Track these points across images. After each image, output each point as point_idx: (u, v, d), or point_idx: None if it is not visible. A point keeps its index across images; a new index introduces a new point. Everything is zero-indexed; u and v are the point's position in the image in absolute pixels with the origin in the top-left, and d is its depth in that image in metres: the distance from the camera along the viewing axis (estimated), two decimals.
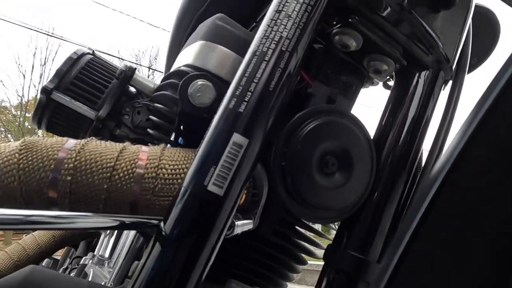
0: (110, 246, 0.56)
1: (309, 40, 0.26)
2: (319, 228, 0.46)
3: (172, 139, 0.42)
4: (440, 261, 0.16)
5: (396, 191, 0.31)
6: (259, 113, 0.24)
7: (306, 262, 0.41)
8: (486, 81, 0.21)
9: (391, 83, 0.38)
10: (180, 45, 0.66)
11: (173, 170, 0.28)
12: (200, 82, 0.31)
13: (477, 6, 0.51)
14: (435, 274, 0.16)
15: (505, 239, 0.16)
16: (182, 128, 0.37)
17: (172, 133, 0.43)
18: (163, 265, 0.23)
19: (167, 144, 0.37)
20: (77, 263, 0.69)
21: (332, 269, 0.31)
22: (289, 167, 0.28)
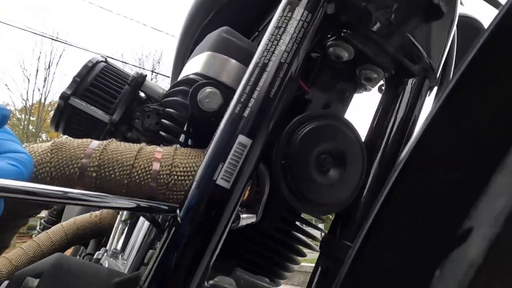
0: (121, 242, 0.60)
1: (306, 53, 0.30)
2: (322, 225, 0.49)
3: (182, 141, 0.46)
4: (403, 245, 0.19)
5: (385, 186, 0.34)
6: (261, 117, 0.28)
7: (305, 255, 0.44)
8: None
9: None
10: (186, 53, 0.70)
11: (185, 168, 0.32)
12: (208, 89, 0.35)
13: (465, 16, 0.54)
14: (398, 256, 0.19)
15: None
16: (191, 131, 0.40)
17: (181, 135, 0.46)
18: (178, 247, 0.26)
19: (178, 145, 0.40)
20: (89, 260, 0.72)
21: (327, 257, 0.34)
22: (289, 166, 0.31)
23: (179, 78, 0.46)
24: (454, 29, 0.41)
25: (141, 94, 0.55)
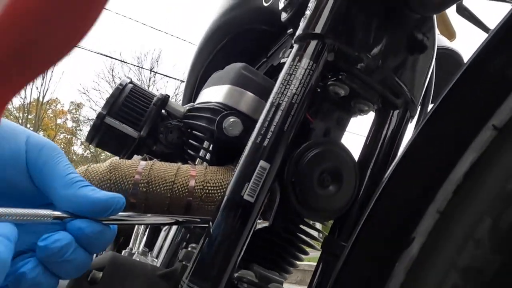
0: (143, 243, 0.68)
1: (312, 93, 0.38)
2: (320, 227, 0.58)
3: (203, 156, 0.54)
4: (379, 243, 0.27)
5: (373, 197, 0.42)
6: (277, 146, 0.36)
7: (308, 253, 0.52)
8: None
9: None
10: (199, 73, 0.79)
11: (215, 183, 0.40)
12: (232, 119, 0.43)
13: (445, 49, 0.63)
14: (377, 250, 0.27)
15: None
16: (215, 149, 0.49)
17: (201, 150, 0.55)
18: (212, 249, 0.34)
19: (204, 163, 0.49)
20: None
21: (327, 255, 0.43)
22: (298, 182, 0.39)
23: (201, 101, 0.54)
24: (434, 63, 0.50)
25: (163, 112, 0.63)
